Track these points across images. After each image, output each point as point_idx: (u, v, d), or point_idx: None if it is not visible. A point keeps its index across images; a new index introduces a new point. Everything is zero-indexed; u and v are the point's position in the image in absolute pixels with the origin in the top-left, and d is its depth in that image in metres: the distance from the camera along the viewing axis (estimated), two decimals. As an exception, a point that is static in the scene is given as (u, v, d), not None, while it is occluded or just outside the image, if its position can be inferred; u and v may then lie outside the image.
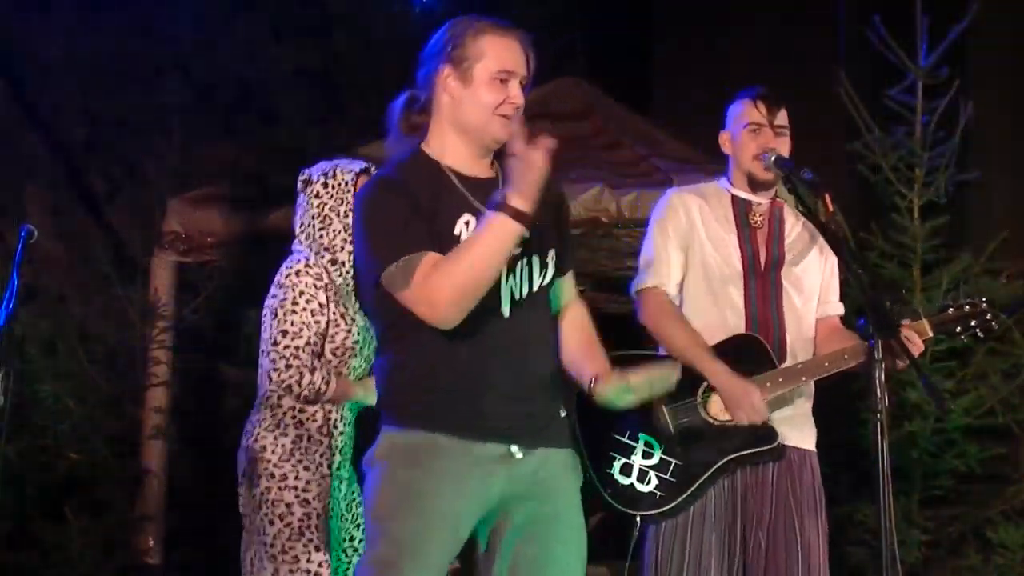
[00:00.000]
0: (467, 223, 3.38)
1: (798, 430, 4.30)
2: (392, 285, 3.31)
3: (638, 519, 4.15)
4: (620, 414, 3.89)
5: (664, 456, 4.14)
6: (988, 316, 4.39)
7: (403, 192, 3.36)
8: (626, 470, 4.14)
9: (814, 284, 4.42)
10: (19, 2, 8.26)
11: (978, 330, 4.40)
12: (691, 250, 4.32)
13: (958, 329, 4.39)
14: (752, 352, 4.22)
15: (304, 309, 4.34)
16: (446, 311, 3.27)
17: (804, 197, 4.08)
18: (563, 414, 3.53)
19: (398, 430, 3.40)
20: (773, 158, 4.18)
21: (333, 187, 4.52)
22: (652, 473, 4.13)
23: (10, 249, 4.77)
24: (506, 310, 3.41)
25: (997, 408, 6.38)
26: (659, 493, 4.12)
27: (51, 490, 6.86)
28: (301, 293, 4.36)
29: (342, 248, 4.48)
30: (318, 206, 4.51)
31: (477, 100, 3.40)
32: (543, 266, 3.49)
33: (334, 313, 4.41)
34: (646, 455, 4.14)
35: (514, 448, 3.39)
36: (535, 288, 3.47)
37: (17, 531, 6.71)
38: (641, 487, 4.12)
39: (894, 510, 3.56)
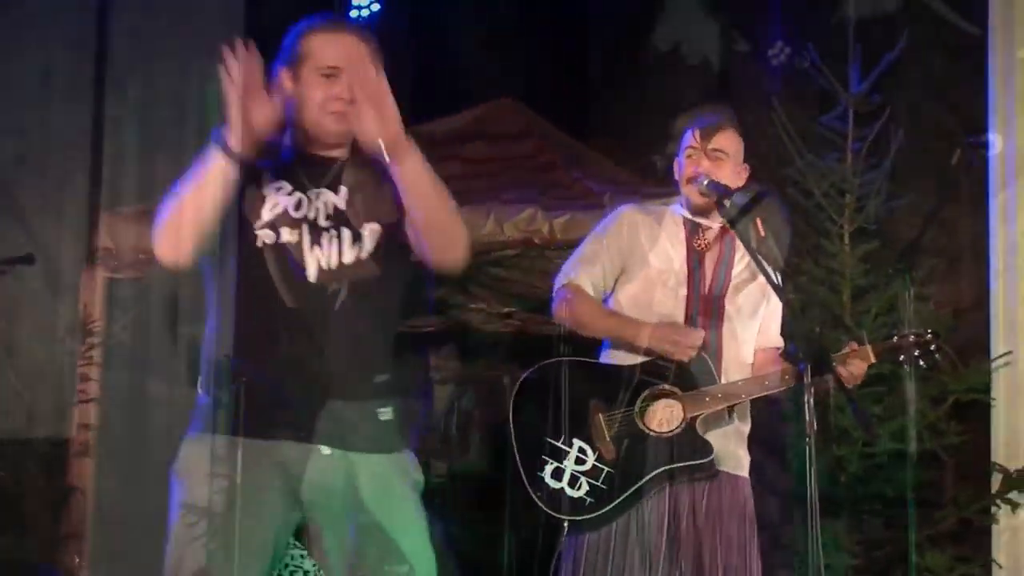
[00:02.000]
0: (278, 188, 3.39)
1: (732, 456, 4.29)
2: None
3: (565, 526, 4.14)
4: (555, 419, 3.91)
5: (597, 463, 4.13)
6: (933, 348, 4.31)
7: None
8: (557, 474, 4.13)
9: (756, 313, 4.42)
10: (-49, 13, 8.17)
11: (921, 361, 4.31)
12: (632, 267, 4.31)
13: (901, 358, 4.32)
14: (695, 366, 4.21)
15: None
16: (159, 249, 3.33)
17: (736, 222, 4.10)
18: (385, 417, 3.37)
19: (190, 434, 3.26)
20: (706, 182, 4.17)
21: None
22: (584, 479, 4.12)
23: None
24: (312, 273, 3.31)
25: (924, 434, 6.43)
26: (589, 499, 4.11)
27: (-24, 507, 6.79)
28: None
29: None
30: None
31: (304, 98, 3.43)
32: (356, 237, 3.38)
33: None
34: (579, 461, 4.14)
35: (323, 448, 3.27)
36: (346, 260, 3.35)
37: (-60, 548, 6.63)
38: (571, 492, 4.12)
39: (821, 534, 3.58)
